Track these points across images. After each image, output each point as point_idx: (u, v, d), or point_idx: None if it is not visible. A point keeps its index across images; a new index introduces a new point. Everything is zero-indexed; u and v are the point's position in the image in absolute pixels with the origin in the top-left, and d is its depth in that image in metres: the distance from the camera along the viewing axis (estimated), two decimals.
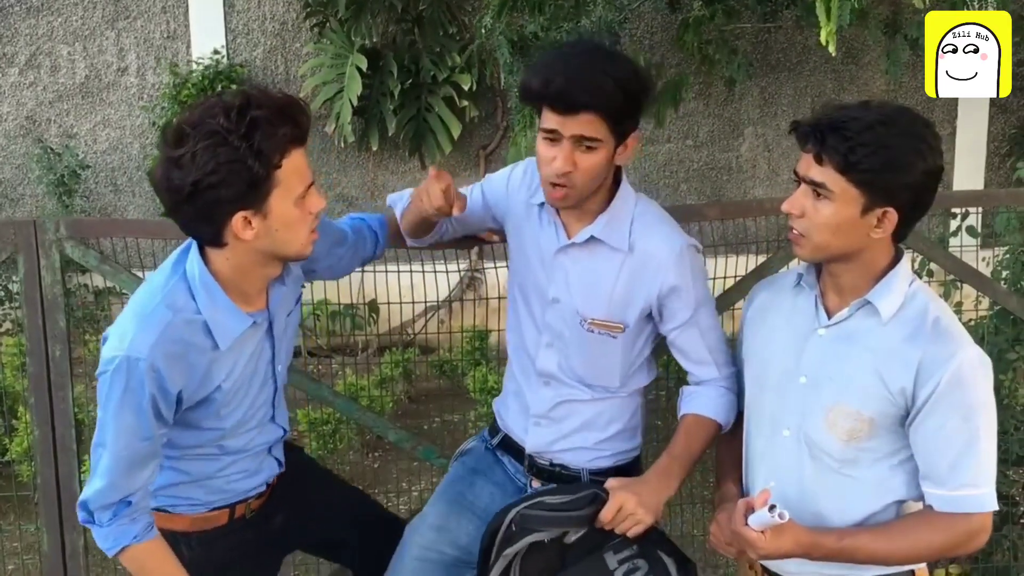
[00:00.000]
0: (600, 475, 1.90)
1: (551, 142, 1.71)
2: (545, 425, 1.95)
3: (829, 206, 1.54)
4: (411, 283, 2.87)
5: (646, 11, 5.48)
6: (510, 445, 2.03)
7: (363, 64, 5.23)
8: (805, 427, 1.65)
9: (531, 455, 1.98)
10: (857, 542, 1.57)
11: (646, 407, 2.01)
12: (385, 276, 2.63)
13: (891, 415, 1.58)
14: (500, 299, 2.25)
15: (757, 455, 1.74)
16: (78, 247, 2.37)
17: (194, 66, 5.59)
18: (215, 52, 5.64)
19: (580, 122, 1.67)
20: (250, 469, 1.82)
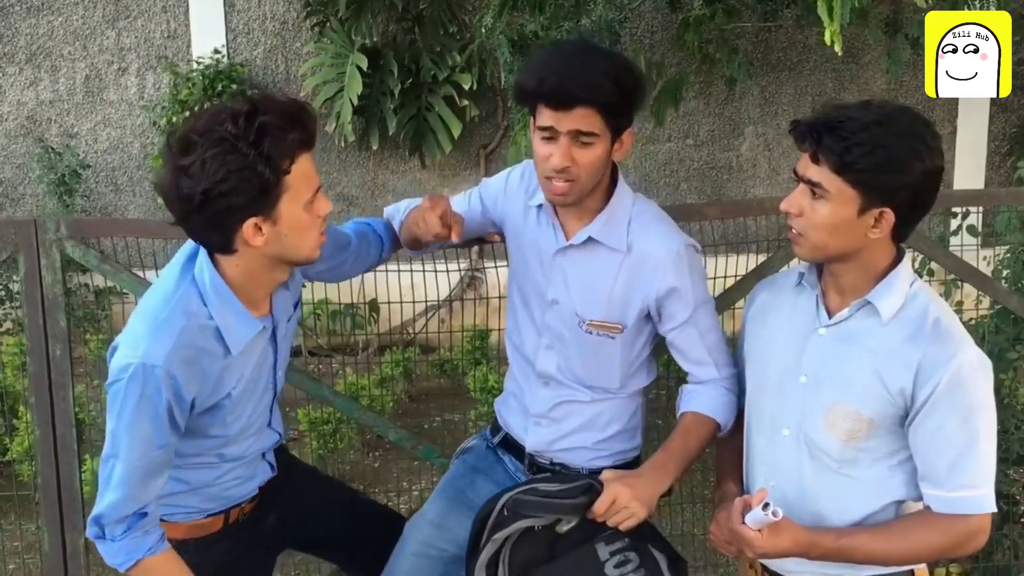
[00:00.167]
0: (599, 475, 1.90)
1: (548, 140, 1.72)
2: (545, 425, 1.95)
3: (826, 206, 1.54)
4: (411, 282, 2.87)
5: (646, 10, 5.49)
6: (511, 444, 2.03)
7: (363, 63, 5.24)
8: (804, 427, 1.64)
9: (531, 454, 1.98)
10: (855, 542, 1.57)
11: (646, 407, 2.01)
12: (385, 275, 2.62)
13: (890, 415, 1.57)
14: (500, 298, 2.25)
15: (757, 454, 1.74)
16: (79, 247, 2.38)
17: (194, 65, 5.59)
18: (215, 51, 5.64)
19: (575, 117, 1.67)
20: (245, 475, 1.82)
